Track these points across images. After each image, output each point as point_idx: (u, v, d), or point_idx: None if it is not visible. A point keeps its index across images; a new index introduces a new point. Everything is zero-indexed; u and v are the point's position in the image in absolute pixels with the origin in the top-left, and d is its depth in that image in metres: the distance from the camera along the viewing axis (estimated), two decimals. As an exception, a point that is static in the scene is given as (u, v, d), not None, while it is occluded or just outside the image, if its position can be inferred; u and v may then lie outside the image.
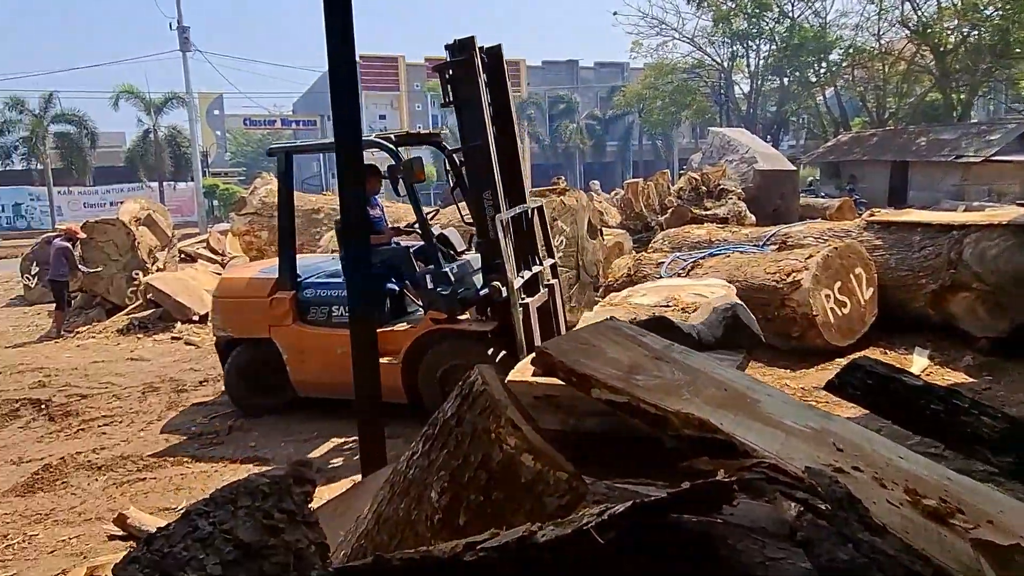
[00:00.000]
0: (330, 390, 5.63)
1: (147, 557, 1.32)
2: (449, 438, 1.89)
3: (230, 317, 6.00)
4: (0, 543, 4.03)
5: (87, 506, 4.48)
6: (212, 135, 47.02)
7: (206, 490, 4.58)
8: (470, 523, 1.80)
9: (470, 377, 1.96)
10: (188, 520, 1.39)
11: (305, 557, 1.33)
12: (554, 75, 46.46)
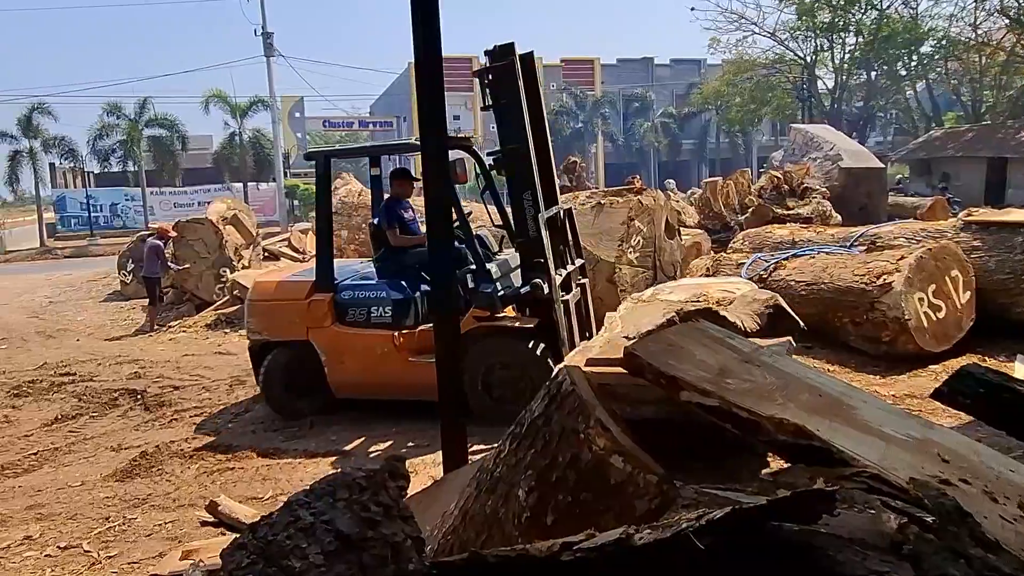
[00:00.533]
0: (368, 391, 5.76)
1: (253, 544, 1.37)
2: (537, 437, 1.89)
3: (266, 320, 5.97)
4: (103, 524, 4.26)
5: (180, 493, 4.69)
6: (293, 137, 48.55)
7: (291, 481, 4.76)
8: (558, 523, 1.80)
9: (558, 376, 1.95)
10: (290, 510, 1.43)
11: (402, 551, 1.35)
12: (629, 73, 45.96)
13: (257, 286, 6.24)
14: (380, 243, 6.10)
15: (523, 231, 5.41)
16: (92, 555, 3.90)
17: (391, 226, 5.96)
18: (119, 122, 34.36)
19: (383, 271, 5.99)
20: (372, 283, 5.86)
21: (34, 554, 3.96)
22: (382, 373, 5.60)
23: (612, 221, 7.12)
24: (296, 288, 5.92)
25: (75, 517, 4.41)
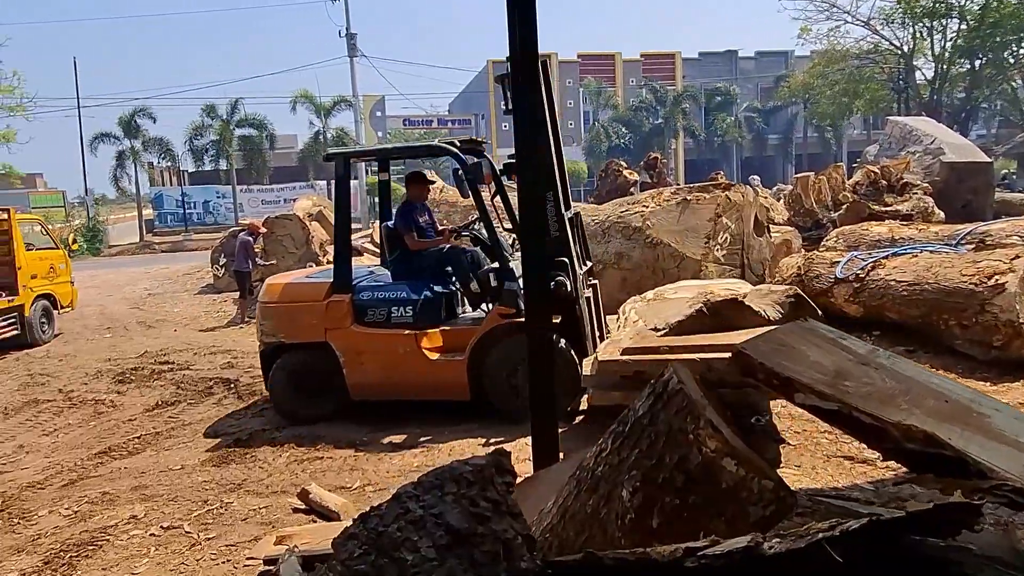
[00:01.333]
0: (387, 392, 5.74)
1: (364, 534, 1.37)
2: (641, 437, 1.83)
3: (282, 323, 5.88)
4: (202, 507, 4.44)
5: (273, 479, 4.84)
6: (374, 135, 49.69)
7: (377, 472, 4.83)
8: (664, 526, 1.73)
9: (664, 375, 1.88)
10: (399, 502, 1.42)
11: (513, 548, 1.32)
12: (711, 67, 44.90)
13: (272, 288, 6.08)
14: (395, 245, 6.15)
15: (546, 231, 5.43)
16: (192, 536, 4.06)
17: (408, 229, 6.02)
18: (212, 123, 35.94)
19: (398, 273, 6.03)
20: (391, 284, 5.87)
21: (139, 533, 4.15)
22: (403, 373, 5.63)
23: (698, 218, 6.94)
24: (313, 290, 5.88)
25: (176, 499, 4.60)
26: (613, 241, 7.65)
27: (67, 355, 9.62)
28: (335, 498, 4.27)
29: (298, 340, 5.82)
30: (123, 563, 3.81)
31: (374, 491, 4.55)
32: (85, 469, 5.33)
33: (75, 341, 10.63)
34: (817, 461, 4.28)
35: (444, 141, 6.12)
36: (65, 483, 5.06)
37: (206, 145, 36.60)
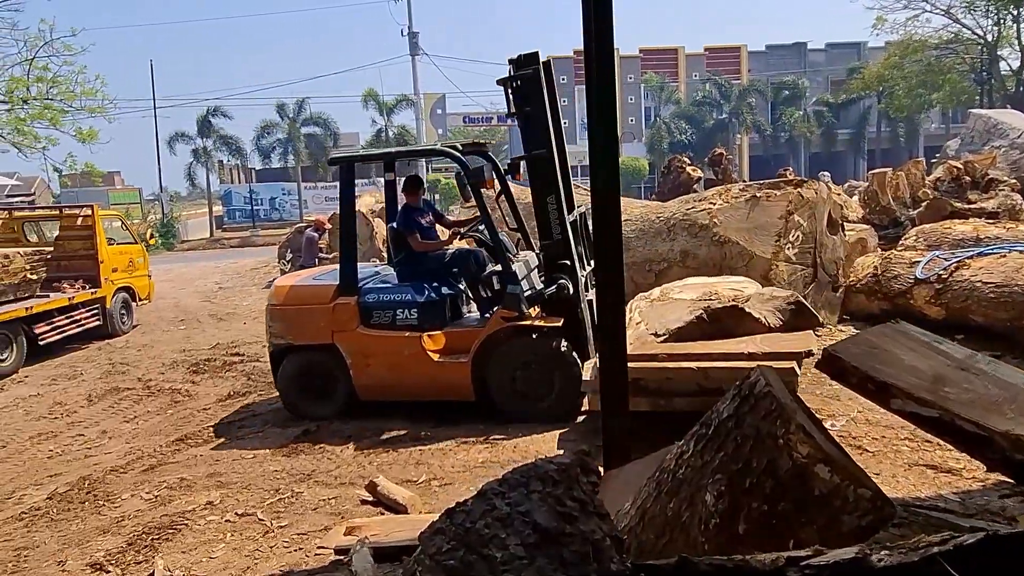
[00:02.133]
0: (393, 393, 5.81)
1: (451, 530, 1.36)
2: (726, 440, 1.78)
3: (290, 325, 5.94)
4: (274, 496, 4.56)
5: (341, 471, 4.93)
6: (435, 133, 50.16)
7: (443, 467, 4.87)
8: (751, 532, 1.68)
9: (750, 377, 1.83)
10: (485, 499, 1.42)
11: (603, 549, 1.30)
12: (779, 60, 43.67)
13: (279, 291, 6.15)
14: (400, 247, 6.15)
15: (547, 233, 5.64)
16: (265, 524, 4.17)
17: (411, 231, 6.05)
18: (280, 121, 36.95)
19: (404, 274, 6.06)
20: (397, 286, 5.92)
21: (216, 518, 4.29)
22: (409, 374, 5.68)
23: (768, 215, 6.74)
24: (319, 292, 5.94)
25: (249, 487, 4.74)
26: (679, 239, 7.51)
27: (145, 345, 10.03)
28: (402, 491, 4.32)
29: (306, 342, 5.89)
30: (201, 547, 3.94)
31: (439, 485, 4.59)
32: (163, 455, 5.54)
33: (152, 332, 11.07)
34: (898, 469, 4.11)
35: (447, 144, 6.23)
36: (145, 468, 5.27)
37: (273, 143, 37.65)
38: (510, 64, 5.66)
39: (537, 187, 5.67)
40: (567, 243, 5.58)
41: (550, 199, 5.58)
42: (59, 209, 12.54)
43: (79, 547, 4.09)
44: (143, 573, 3.72)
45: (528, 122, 5.57)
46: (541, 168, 5.60)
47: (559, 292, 5.50)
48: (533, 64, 5.53)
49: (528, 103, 5.54)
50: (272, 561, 3.73)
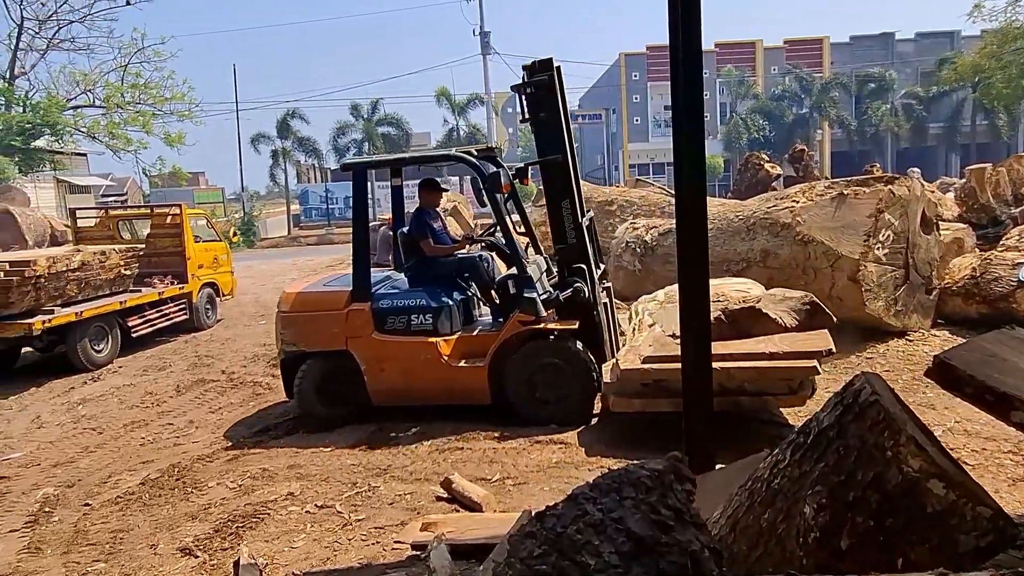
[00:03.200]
0: (408, 398, 5.79)
1: (542, 534, 1.33)
2: (827, 450, 1.69)
3: (302, 331, 5.88)
4: (352, 489, 4.64)
5: (416, 467, 4.97)
6: (505, 132, 50.41)
7: (516, 465, 4.85)
8: (855, 548, 1.59)
9: (854, 384, 1.73)
10: (576, 503, 1.38)
11: (701, 561, 1.25)
12: (864, 51, 41.87)
13: (289, 298, 6.07)
14: (411, 252, 6.14)
15: (562, 237, 5.72)
16: (344, 516, 4.25)
17: (424, 236, 6.04)
18: (356, 122, 37.82)
19: (415, 280, 6.05)
20: (410, 291, 5.90)
21: (296, 509, 4.40)
22: (424, 380, 5.67)
23: (857, 213, 6.45)
24: (332, 298, 5.90)
25: (327, 480, 4.84)
26: (759, 238, 7.28)
27: (228, 339, 10.41)
28: (477, 489, 4.33)
29: (319, 349, 5.85)
30: (283, 536, 4.04)
31: (513, 484, 4.58)
32: (247, 446, 5.72)
33: (234, 326, 11.48)
34: (1000, 484, 3.87)
35: (461, 150, 6.18)
36: (230, 458, 5.46)
37: (349, 143, 38.56)
38: (524, 70, 5.74)
39: (552, 192, 5.75)
40: (582, 247, 5.68)
41: (564, 203, 5.67)
42: (150, 208, 13.16)
43: (169, 531, 4.26)
44: (228, 559, 3.84)
45: (543, 128, 5.67)
46: (556, 173, 5.68)
47: (575, 295, 5.57)
48: (547, 71, 5.61)
49: (542, 109, 5.63)
50: (350, 553, 3.79)
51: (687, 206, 2.94)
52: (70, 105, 23.74)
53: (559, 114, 5.65)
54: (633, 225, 9.18)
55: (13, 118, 21.76)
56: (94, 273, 9.32)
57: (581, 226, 5.68)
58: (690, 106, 2.90)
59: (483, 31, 34.23)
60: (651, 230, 8.77)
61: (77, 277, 9.04)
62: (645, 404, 4.89)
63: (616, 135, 46.35)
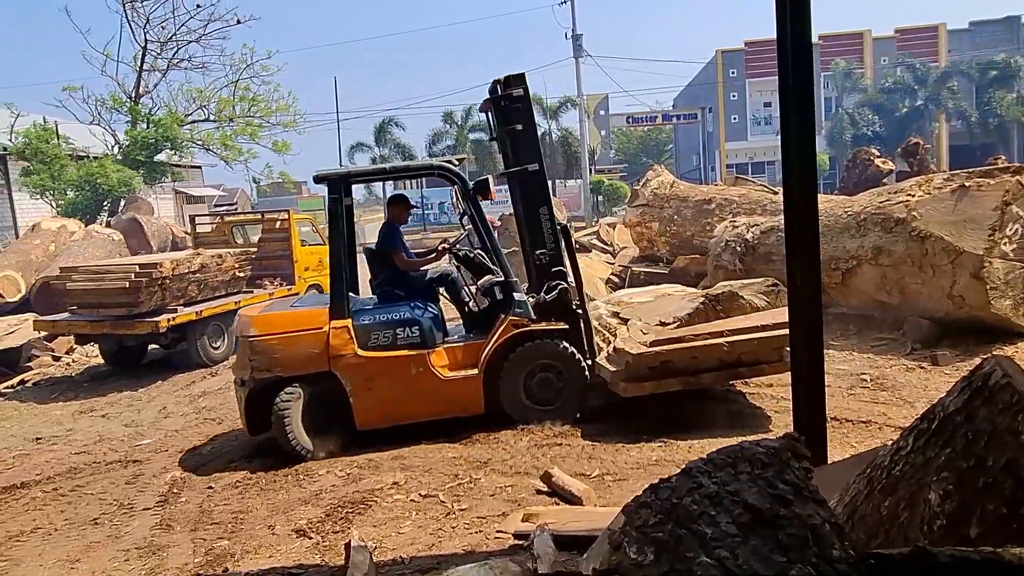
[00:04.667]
0: (397, 417, 5.55)
1: (657, 504, 1.35)
2: (954, 435, 1.62)
3: (278, 355, 5.41)
4: (454, 480, 4.76)
5: (515, 461, 5.04)
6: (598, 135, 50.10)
7: (615, 462, 4.85)
8: (985, 536, 1.52)
9: (983, 367, 1.66)
10: (691, 476, 1.39)
11: (822, 535, 1.23)
12: (986, 36, 39.04)
13: (256, 320, 5.65)
14: (381, 267, 6.07)
15: (541, 243, 5.84)
16: (447, 506, 4.36)
17: (396, 249, 6.00)
18: (449, 129, 38.66)
19: (385, 295, 5.95)
20: (391, 305, 5.77)
21: (401, 498, 4.55)
22: (416, 395, 5.53)
23: (980, 207, 6.07)
24: (311, 317, 5.62)
25: (430, 471, 4.98)
26: (870, 235, 6.96)
27: (334, 338, 10.83)
28: (577, 483, 4.35)
29: (299, 372, 5.44)
30: (390, 523, 4.20)
31: (613, 480, 4.58)
32: (352, 437, 5.95)
33: (339, 326, 11.93)
34: None
35: (443, 160, 6.21)
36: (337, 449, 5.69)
37: (443, 150, 39.43)
38: (496, 84, 5.94)
39: (529, 200, 5.89)
40: (560, 252, 5.86)
41: (542, 210, 5.85)
42: (261, 214, 13.92)
43: (284, 514, 4.50)
44: (340, 541, 4.02)
45: (520, 138, 5.82)
46: (535, 181, 5.85)
47: (560, 296, 5.74)
48: (521, 84, 5.82)
49: (519, 120, 5.80)
50: (454, 541, 3.89)
51: (797, 201, 2.86)
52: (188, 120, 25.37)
53: (534, 125, 5.92)
54: (733, 223, 8.98)
55: (139, 134, 23.47)
56: (212, 275, 9.95)
57: (557, 232, 5.87)
58: (800, 98, 2.83)
59: (575, 34, 34.20)
60: (752, 228, 8.55)
61: (197, 279, 9.67)
62: (656, 386, 5.29)
63: (712, 134, 45.28)
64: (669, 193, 11.46)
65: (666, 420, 5.47)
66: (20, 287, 11.23)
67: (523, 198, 5.98)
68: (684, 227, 11.05)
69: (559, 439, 5.40)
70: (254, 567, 3.84)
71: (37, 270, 11.98)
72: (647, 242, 11.80)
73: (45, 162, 21.91)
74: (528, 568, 2.98)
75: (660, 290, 7.09)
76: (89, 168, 21.19)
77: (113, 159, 22.42)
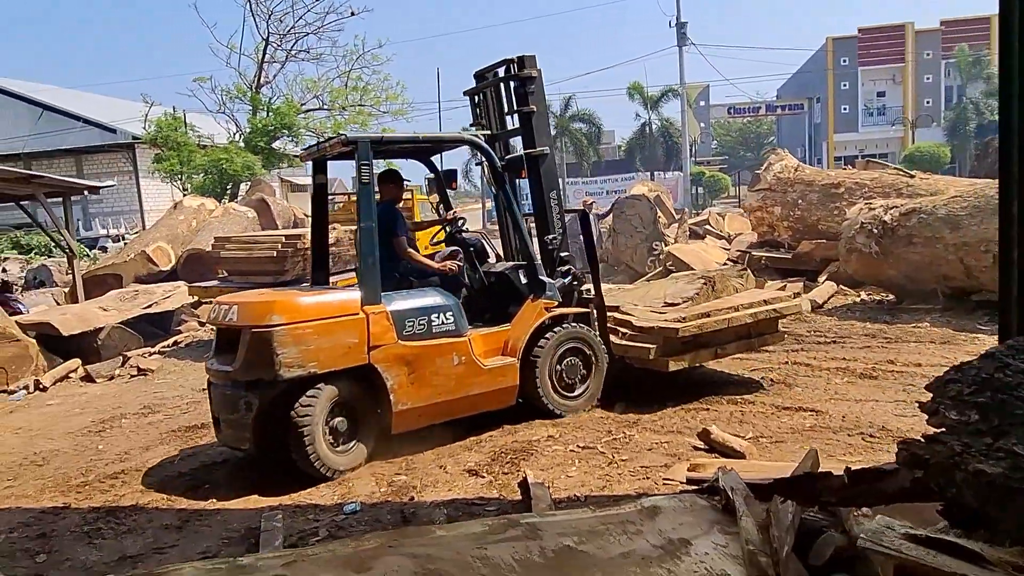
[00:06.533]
0: (434, 415, 4.97)
1: (967, 378, 1.49)
2: None
3: (312, 347, 4.50)
4: (608, 436, 4.95)
5: (664, 422, 5.20)
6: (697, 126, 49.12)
7: (768, 427, 4.93)
8: None
9: None
10: (995, 359, 1.51)
11: None
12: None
13: (282, 306, 4.61)
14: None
15: (550, 228, 5.78)
16: (607, 456, 4.56)
17: (400, 235, 5.31)
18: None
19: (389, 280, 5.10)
20: (417, 290, 5.16)
21: (560, 449, 4.77)
22: (455, 389, 5.01)
23: None
24: (344, 303, 4.73)
25: (581, 428, 5.18)
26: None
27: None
28: (739, 439, 4.47)
29: (335, 368, 4.59)
30: (556, 467, 4.43)
31: (770, 442, 4.66)
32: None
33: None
34: None
35: (470, 134, 5.88)
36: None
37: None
38: (506, 64, 5.90)
39: (540, 184, 5.79)
40: (566, 238, 5.82)
41: (552, 194, 5.80)
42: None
43: (451, 458, 4.80)
44: (511, 480, 4.29)
45: (532, 121, 5.76)
46: (544, 165, 5.78)
47: (575, 281, 5.72)
48: (535, 65, 5.77)
49: (534, 102, 5.75)
50: (624, 485, 4.08)
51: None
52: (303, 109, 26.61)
53: (547, 108, 5.89)
54: (869, 205, 8.76)
55: (259, 122, 24.84)
56: (344, 248, 10.52)
57: (564, 217, 5.88)
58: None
59: (680, 22, 33.72)
60: (891, 210, 8.32)
61: (332, 252, 10.24)
62: (692, 359, 5.66)
63: (820, 125, 43.65)
64: (793, 177, 11.26)
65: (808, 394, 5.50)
66: (171, 257, 12.21)
67: (532, 182, 5.83)
68: (809, 212, 10.85)
69: (704, 405, 5.51)
70: (436, 499, 4.15)
71: (183, 243, 12.96)
72: (767, 227, 11.63)
73: (174, 148, 23.56)
74: (715, 503, 3.12)
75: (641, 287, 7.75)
76: (217, 154, 22.63)
77: (236, 146, 23.86)
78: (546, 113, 6.00)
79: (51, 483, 5.06)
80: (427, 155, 6.24)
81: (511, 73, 5.91)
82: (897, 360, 6.39)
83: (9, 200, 11.28)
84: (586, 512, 3.20)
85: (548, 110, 6.03)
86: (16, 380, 8.27)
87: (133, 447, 5.79)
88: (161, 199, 26.16)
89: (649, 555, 2.71)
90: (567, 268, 5.77)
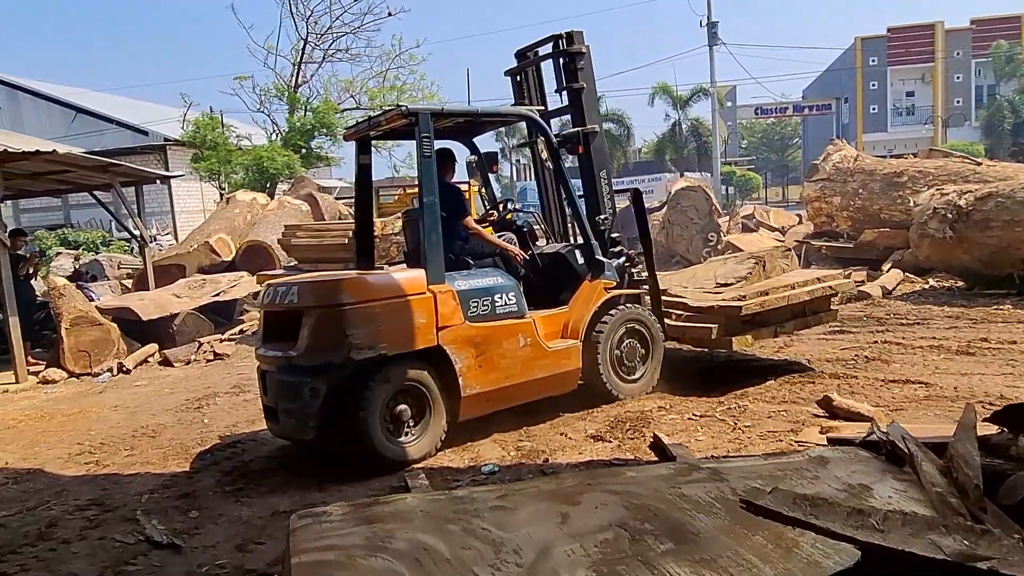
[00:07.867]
0: (499, 401, 4.78)
1: None
2: None
3: (380, 327, 4.27)
4: (721, 405, 5.00)
5: (773, 394, 5.24)
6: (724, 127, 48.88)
7: (881, 396, 4.96)
8: None
9: None
10: None
11: None
12: None
13: (353, 286, 4.35)
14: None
15: (600, 208, 5.66)
16: (729, 423, 4.62)
17: (466, 212, 5.25)
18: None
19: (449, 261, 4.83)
20: (477, 269, 4.98)
21: (676, 417, 4.82)
22: (522, 372, 4.82)
23: None
24: (410, 281, 4.50)
25: (690, 399, 5.23)
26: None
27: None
28: (864, 405, 4.50)
29: (405, 349, 4.39)
30: (680, 433, 4.49)
31: (891, 409, 4.69)
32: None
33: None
34: None
35: (527, 109, 5.60)
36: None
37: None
38: (553, 40, 5.77)
39: (591, 163, 5.65)
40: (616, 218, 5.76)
41: (602, 174, 5.69)
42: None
43: (569, 427, 4.87)
44: (639, 444, 4.35)
45: (580, 98, 5.65)
46: (596, 143, 5.66)
47: (629, 261, 5.64)
48: (583, 41, 5.61)
49: (580, 78, 5.62)
50: (757, 447, 4.14)
51: None
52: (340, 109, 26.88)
53: (595, 85, 5.74)
54: (941, 191, 8.75)
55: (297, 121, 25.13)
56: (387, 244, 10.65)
57: (614, 198, 5.81)
58: None
59: (711, 22, 33.64)
60: (965, 195, 8.31)
61: (397, 241, 10.38)
62: (755, 336, 5.64)
63: (848, 126, 43.31)
64: (853, 167, 11.25)
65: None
66: (231, 248, 12.39)
67: (584, 161, 5.64)
68: (871, 201, 10.83)
69: (809, 378, 5.54)
70: (570, 461, 4.22)
71: (240, 236, 13.16)
72: (826, 217, 11.62)
73: (212, 147, 23.90)
74: (879, 456, 3.18)
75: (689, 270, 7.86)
76: (258, 152, 22.92)
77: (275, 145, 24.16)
78: (595, 90, 5.81)
79: (171, 452, 5.20)
80: (473, 135, 5.91)
81: (559, 49, 5.73)
82: (990, 338, 6.39)
83: (85, 189, 11.52)
84: (758, 460, 3.28)
85: (595, 86, 5.78)
86: (99, 363, 8.46)
87: (238, 420, 5.93)
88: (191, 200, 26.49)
89: (836, 497, 2.77)
90: (619, 248, 5.68)
